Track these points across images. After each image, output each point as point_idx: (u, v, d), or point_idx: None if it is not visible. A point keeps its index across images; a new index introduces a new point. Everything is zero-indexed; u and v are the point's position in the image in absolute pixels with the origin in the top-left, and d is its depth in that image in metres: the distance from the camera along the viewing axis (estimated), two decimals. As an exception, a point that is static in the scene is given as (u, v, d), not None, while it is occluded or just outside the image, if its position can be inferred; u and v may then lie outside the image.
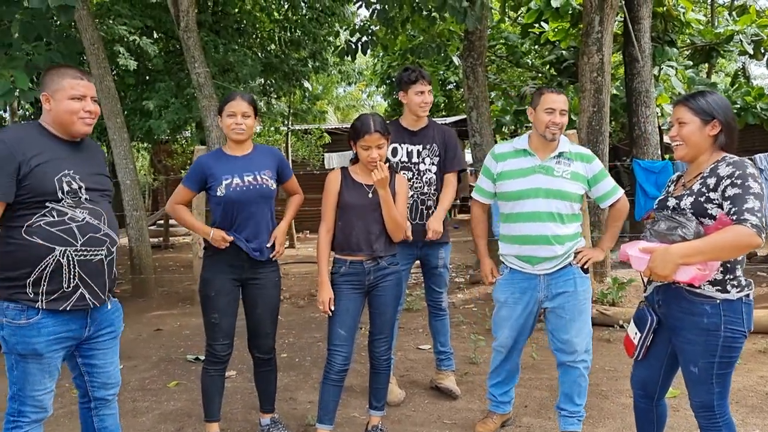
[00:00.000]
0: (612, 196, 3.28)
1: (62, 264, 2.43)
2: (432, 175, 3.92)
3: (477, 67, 8.37)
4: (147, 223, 8.64)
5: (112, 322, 2.68)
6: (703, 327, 2.41)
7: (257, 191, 3.26)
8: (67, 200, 2.45)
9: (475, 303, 7.02)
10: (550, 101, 3.15)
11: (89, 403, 2.73)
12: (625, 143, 11.51)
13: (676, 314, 2.50)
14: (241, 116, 3.24)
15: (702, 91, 2.56)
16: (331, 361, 3.24)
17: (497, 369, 3.46)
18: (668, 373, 2.68)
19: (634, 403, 2.83)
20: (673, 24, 10.10)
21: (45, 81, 2.53)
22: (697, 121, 2.47)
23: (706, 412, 2.50)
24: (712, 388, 2.45)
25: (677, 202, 2.49)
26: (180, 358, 5.26)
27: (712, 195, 2.38)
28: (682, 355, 2.51)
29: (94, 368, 2.67)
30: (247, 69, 9.47)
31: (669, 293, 2.52)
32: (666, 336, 2.61)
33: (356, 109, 25.35)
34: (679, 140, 2.51)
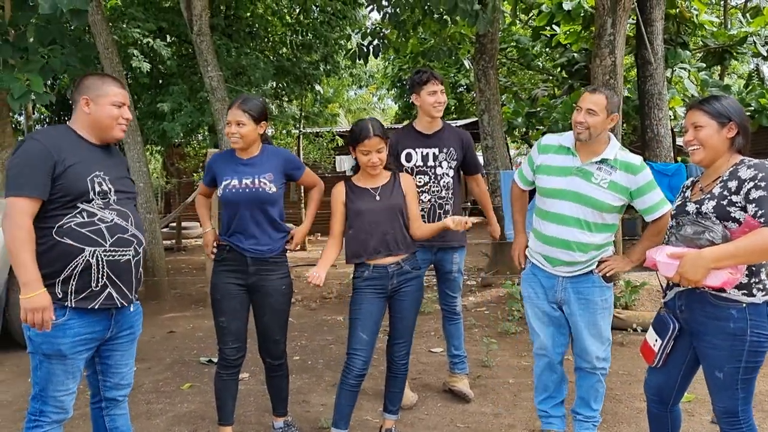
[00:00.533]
0: (657, 210, 3.05)
1: (91, 264, 2.47)
2: (449, 179, 3.92)
3: (488, 69, 8.36)
4: (160, 226, 8.68)
5: (132, 324, 2.72)
6: (729, 331, 2.38)
7: (251, 194, 3.24)
8: (98, 201, 2.50)
9: (487, 306, 7.01)
10: (581, 99, 3.05)
11: (100, 402, 2.76)
12: (638, 146, 11.46)
13: (700, 319, 2.46)
14: (236, 125, 3.23)
15: (715, 95, 2.54)
16: (350, 365, 3.23)
17: (541, 379, 3.31)
18: (685, 380, 2.65)
19: (648, 409, 2.80)
20: (686, 26, 10.04)
21: (87, 85, 2.60)
22: (714, 124, 2.45)
23: (729, 418, 2.47)
24: (736, 394, 2.43)
25: (698, 206, 2.46)
26: (193, 361, 5.29)
27: (735, 198, 2.36)
28: (707, 360, 2.47)
29: (109, 368, 2.70)
30: (260, 72, 9.52)
31: (692, 298, 2.48)
32: (686, 342, 2.57)
33: (367, 112, 25.37)
34: (696, 144, 2.48)
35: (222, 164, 3.35)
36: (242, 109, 3.24)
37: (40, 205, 2.42)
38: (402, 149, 3.86)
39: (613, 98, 3.03)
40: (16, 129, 11.54)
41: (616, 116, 3.06)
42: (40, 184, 2.40)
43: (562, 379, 3.34)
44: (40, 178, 2.40)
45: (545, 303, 3.24)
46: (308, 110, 13.75)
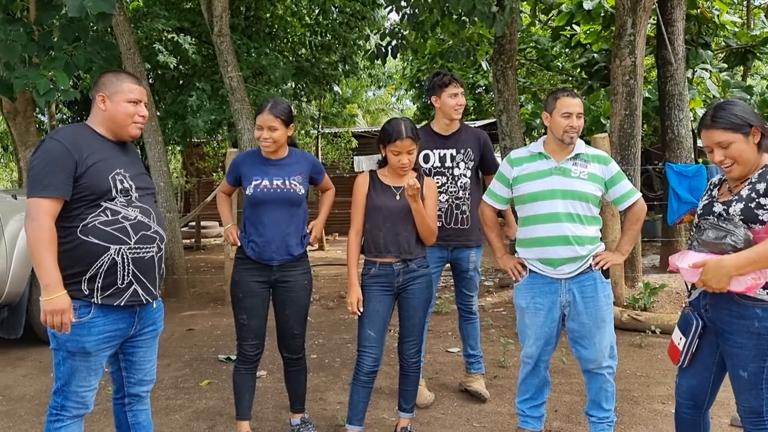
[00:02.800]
0: (629, 198, 3.21)
1: (117, 262, 2.49)
2: (467, 179, 3.93)
3: (507, 70, 8.35)
4: (179, 225, 8.77)
5: (155, 320, 2.75)
6: (753, 330, 2.36)
7: (283, 195, 3.32)
8: (120, 199, 2.52)
9: (504, 306, 7.00)
10: (566, 105, 3.12)
11: (123, 398, 2.79)
12: (658, 147, 11.36)
13: (725, 318, 2.44)
14: (267, 130, 3.29)
15: (720, 106, 2.47)
16: (361, 362, 3.27)
17: (525, 382, 3.37)
18: (716, 382, 2.62)
19: (679, 415, 2.72)
20: (707, 26, 9.93)
21: (103, 82, 2.61)
22: (739, 137, 2.40)
23: (754, 418, 2.45)
24: (761, 393, 2.41)
25: (725, 208, 2.44)
26: (212, 358, 5.34)
27: (763, 200, 2.34)
28: (732, 359, 2.45)
29: (133, 364, 2.73)
30: (279, 72, 9.58)
31: (717, 297, 2.45)
32: (713, 342, 2.55)
33: (385, 113, 25.42)
34: (730, 162, 2.42)
35: (251, 164, 3.39)
36: (274, 114, 3.28)
37: (62, 205, 2.43)
38: (419, 150, 3.87)
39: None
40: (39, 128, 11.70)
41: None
42: (62, 184, 2.40)
43: (544, 384, 3.38)
44: (62, 177, 2.40)
45: (543, 314, 3.21)
46: (327, 111, 13.81)
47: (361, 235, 3.36)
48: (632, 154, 6.91)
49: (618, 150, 6.88)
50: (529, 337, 3.29)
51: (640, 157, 7.19)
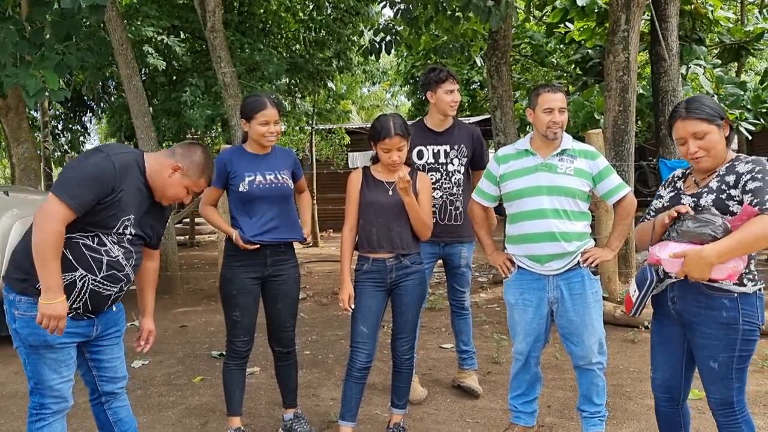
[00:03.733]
0: (618, 192, 3.21)
1: (77, 285, 2.48)
2: (460, 176, 3.93)
3: (501, 66, 8.34)
4: (174, 222, 8.75)
5: (116, 322, 2.75)
6: (722, 321, 2.40)
7: (278, 189, 3.35)
8: (112, 237, 2.52)
9: (498, 303, 7.01)
10: (548, 101, 3.12)
11: (100, 398, 2.79)
12: (651, 143, 11.38)
13: (693, 309, 2.47)
14: (273, 124, 3.33)
15: (692, 98, 2.52)
16: (354, 358, 3.27)
17: (516, 378, 3.38)
18: (688, 373, 2.66)
19: (658, 410, 2.77)
20: (701, 22, 9.96)
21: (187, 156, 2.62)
22: (714, 129, 2.44)
23: (726, 409, 2.48)
24: (731, 384, 2.44)
25: (695, 200, 2.47)
26: (205, 354, 5.33)
27: (733, 192, 2.37)
28: (701, 351, 2.48)
29: (101, 363, 2.73)
30: (273, 68, 9.55)
31: (685, 288, 2.49)
32: (680, 335, 2.58)
33: (380, 109, 25.39)
34: (703, 153, 2.45)
35: (238, 161, 3.38)
36: (277, 109, 3.34)
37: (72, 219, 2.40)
38: (413, 147, 3.86)
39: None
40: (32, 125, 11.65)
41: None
42: (86, 204, 2.39)
43: (536, 380, 3.39)
44: (91, 198, 2.39)
45: (531, 311, 3.22)
46: (321, 107, 13.77)
47: (354, 231, 3.35)
48: (626, 150, 6.92)
49: (612, 146, 6.89)
50: (519, 333, 3.29)
51: (635, 153, 7.21)
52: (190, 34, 10.68)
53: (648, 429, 3.56)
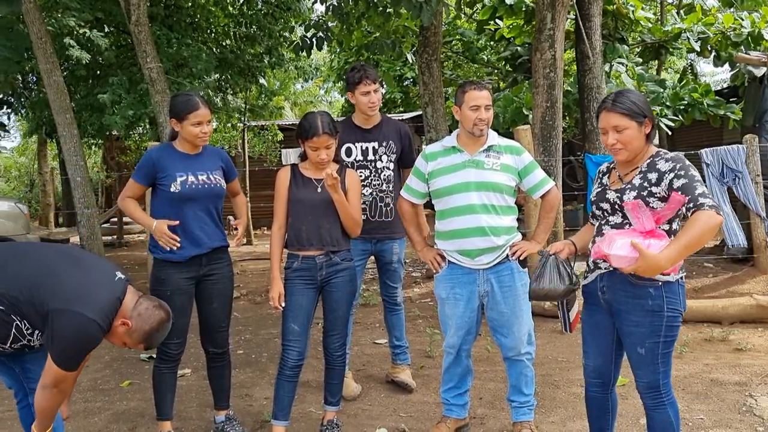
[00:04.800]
0: (543, 186, 3.29)
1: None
2: (390, 172, 3.94)
3: (432, 62, 8.41)
4: (100, 221, 8.47)
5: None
6: (648, 309, 2.53)
7: (210, 190, 3.29)
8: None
9: (431, 297, 7.07)
10: (474, 98, 3.17)
11: (27, 397, 2.70)
12: (579, 138, 11.70)
13: (621, 299, 2.59)
14: (206, 124, 3.27)
15: (621, 91, 2.62)
16: (285, 356, 3.25)
17: (448, 372, 3.43)
18: (618, 359, 2.78)
19: (589, 395, 2.87)
20: (623, 22, 10.28)
21: None
22: (634, 125, 2.53)
23: (653, 393, 2.61)
24: (657, 368, 2.57)
25: (618, 195, 2.57)
26: (133, 358, 5.18)
27: (655, 189, 2.48)
28: (629, 338, 2.60)
29: (25, 362, 2.65)
30: (202, 64, 9.33)
31: (613, 279, 2.60)
32: (609, 322, 2.69)
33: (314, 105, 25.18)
34: (621, 146, 2.55)
35: (169, 160, 3.29)
36: (207, 106, 3.28)
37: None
38: (341, 144, 3.84)
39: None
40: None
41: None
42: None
43: (467, 372, 3.45)
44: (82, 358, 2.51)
45: (462, 304, 3.27)
46: (253, 103, 13.55)
47: (284, 229, 3.33)
48: (554, 146, 7.09)
49: (540, 141, 7.04)
50: (450, 327, 3.34)
51: (563, 148, 7.40)
52: (114, 28, 10.32)
53: (575, 416, 3.67)
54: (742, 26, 9.76)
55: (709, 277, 6.91)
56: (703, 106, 9.60)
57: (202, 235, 3.26)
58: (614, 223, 2.61)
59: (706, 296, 6.20)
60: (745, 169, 6.78)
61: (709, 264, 7.39)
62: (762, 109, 7.36)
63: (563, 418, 3.68)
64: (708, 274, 7.03)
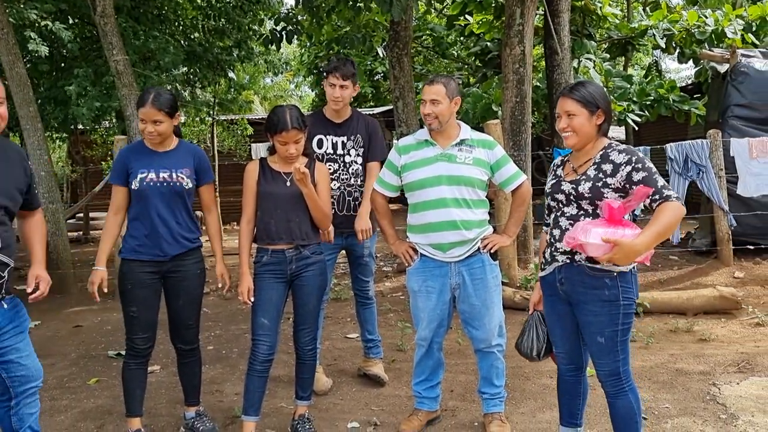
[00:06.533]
0: (515, 180, 3.32)
1: None
2: (358, 166, 3.94)
3: (403, 57, 8.43)
4: (65, 216, 8.31)
5: (11, 319, 2.56)
6: (605, 299, 2.60)
7: (169, 188, 3.21)
8: None
9: (402, 291, 7.09)
10: (423, 93, 3.23)
11: (9, 401, 2.61)
12: (548, 133, 11.82)
13: (579, 290, 2.66)
14: (152, 124, 3.17)
15: (581, 81, 2.72)
16: (255, 351, 3.22)
17: (420, 365, 3.45)
18: (583, 345, 2.83)
19: (562, 379, 2.92)
20: (591, 18, 10.42)
21: None
22: (585, 113, 2.63)
23: (614, 380, 2.68)
24: (617, 356, 2.65)
25: (573, 186, 2.64)
26: (101, 355, 5.11)
27: (609, 180, 2.57)
28: (589, 328, 2.67)
29: (11, 365, 2.56)
30: (169, 57, 9.19)
31: (571, 271, 2.67)
32: (570, 311, 2.76)
33: (284, 99, 25.03)
34: (570, 131, 2.65)
35: (136, 157, 3.25)
36: (157, 107, 3.16)
37: None
38: (313, 135, 3.83)
39: (450, 84, 3.22)
40: None
41: (458, 99, 3.26)
42: None
43: (438, 365, 3.48)
44: None
45: (434, 297, 3.28)
46: (222, 97, 13.41)
47: (253, 224, 3.30)
48: (523, 140, 7.16)
49: (510, 136, 7.10)
50: (422, 320, 3.35)
51: (532, 143, 7.47)
52: (78, 19, 10.11)
53: (544, 407, 3.71)
54: (706, 24, 9.95)
55: (674, 270, 7.04)
56: (669, 101, 9.78)
57: (163, 241, 3.19)
58: (570, 214, 2.67)
59: (672, 288, 6.32)
60: (709, 164, 6.92)
61: (674, 257, 7.54)
62: (725, 104, 7.51)
63: (533, 409, 3.72)
64: (673, 267, 7.17)
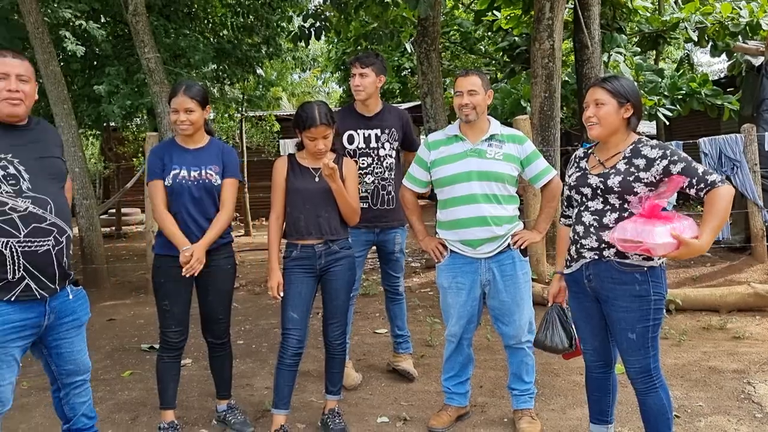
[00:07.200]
0: (545, 176, 3.30)
1: (5, 255, 2.37)
2: (392, 159, 3.95)
3: (431, 53, 8.40)
4: (98, 212, 8.46)
5: (74, 310, 2.64)
6: (635, 294, 2.58)
7: (200, 186, 3.25)
8: (6, 188, 2.38)
9: (430, 287, 7.09)
10: (458, 85, 3.21)
11: (59, 391, 2.71)
12: (577, 128, 11.70)
13: (608, 286, 2.63)
14: (184, 112, 3.21)
15: (614, 75, 2.70)
16: (285, 344, 3.26)
17: (449, 360, 3.46)
18: (612, 341, 2.81)
19: (590, 376, 2.91)
20: (621, 11, 10.27)
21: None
22: (614, 103, 2.61)
23: (644, 377, 2.65)
24: (648, 352, 2.63)
25: (602, 180, 2.62)
26: (134, 348, 5.20)
27: (643, 175, 2.55)
28: (619, 324, 2.64)
29: (60, 356, 2.65)
30: (199, 55, 9.29)
31: (600, 267, 2.65)
32: (598, 308, 2.74)
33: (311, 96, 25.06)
34: (596, 120, 2.63)
35: (168, 153, 3.30)
36: (189, 96, 3.21)
37: None
38: (343, 131, 3.86)
39: (484, 76, 3.25)
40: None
41: (491, 92, 3.27)
42: None
43: (468, 361, 3.48)
44: None
45: (464, 293, 3.28)
46: (250, 94, 13.52)
47: (282, 219, 3.34)
48: (552, 135, 7.09)
49: (539, 131, 7.05)
50: (452, 316, 3.35)
51: (561, 138, 7.41)
52: (111, 18, 10.26)
53: (575, 404, 3.69)
54: (740, 16, 9.74)
55: (707, 266, 6.94)
56: (701, 96, 9.61)
57: (194, 238, 3.22)
58: (594, 209, 2.65)
59: (705, 285, 6.23)
60: (743, 159, 6.80)
61: (707, 253, 7.42)
62: (760, 98, 7.36)
63: (563, 405, 3.70)
64: (706, 263, 7.06)
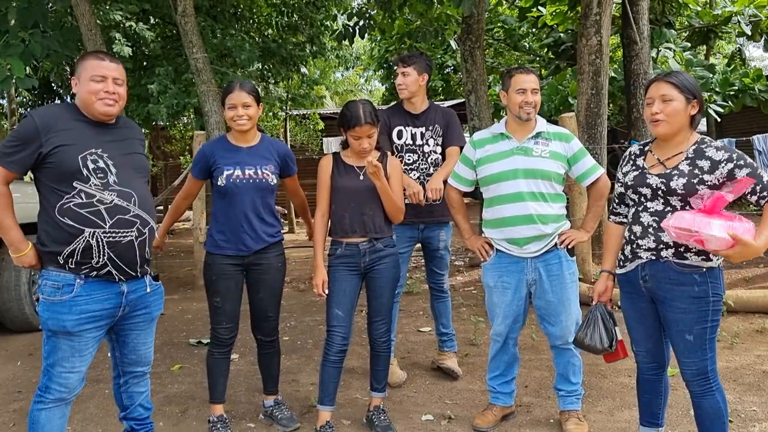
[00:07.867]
0: (592, 174, 3.25)
1: (92, 244, 2.50)
2: (437, 156, 3.97)
3: (475, 50, 8.36)
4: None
5: (148, 304, 2.75)
6: (694, 295, 2.53)
7: (256, 185, 3.28)
8: (95, 181, 2.51)
9: (474, 285, 7.07)
10: (520, 82, 3.16)
11: (119, 378, 2.82)
12: (624, 126, 11.49)
13: (666, 287, 2.58)
14: (242, 107, 3.26)
15: (677, 71, 2.61)
16: (330, 341, 3.29)
17: (495, 360, 3.44)
18: (666, 340, 2.76)
19: (642, 378, 2.86)
20: (671, 5, 10.06)
21: (76, 65, 2.65)
22: (682, 99, 2.54)
23: (701, 379, 2.60)
24: (705, 354, 2.57)
25: (663, 181, 2.55)
26: (182, 342, 5.31)
27: (707, 177, 2.48)
28: (676, 325, 2.59)
29: (126, 346, 2.76)
30: (245, 54, 9.43)
31: (656, 267, 2.60)
32: (653, 309, 2.69)
33: (354, 94, 25.26)
34: (663, 117, 2.54)
35: (220, 153, 3.32)
36: (246, 91, 3.27)
37: (14, 177, 2.51)
38: (394, 126, 3.91)
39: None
40: (0, 113, 11.40)
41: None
42: (20, 160, 2.48)
43: (513, 360, 3.45)
44: (23, 154, 2.47)
45: (510, 293, 3.25)
46: (294, 92, 13.66)
47: (327, 217, 3.36)
48: (599, 133, 6.99)
49: (585, 129, 6.95)
50: (498, 315, 3.33)
51: (607, 135, 7.29)
52: (160, 19, 10.49)
53: (622, 406, 3.64)
54: (796, 8, 9.43)
55: (761, 267, 6.75)
56: (754, 91, 9.35)
57: (246, 237, 3.28)
58: (654, 210, 2.59)
59: (758, 286, 6.06)
60: (800, 157, 6.59)
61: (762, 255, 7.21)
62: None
63: (611, 407, 3.65)
64: (759, 264, 6.87)
